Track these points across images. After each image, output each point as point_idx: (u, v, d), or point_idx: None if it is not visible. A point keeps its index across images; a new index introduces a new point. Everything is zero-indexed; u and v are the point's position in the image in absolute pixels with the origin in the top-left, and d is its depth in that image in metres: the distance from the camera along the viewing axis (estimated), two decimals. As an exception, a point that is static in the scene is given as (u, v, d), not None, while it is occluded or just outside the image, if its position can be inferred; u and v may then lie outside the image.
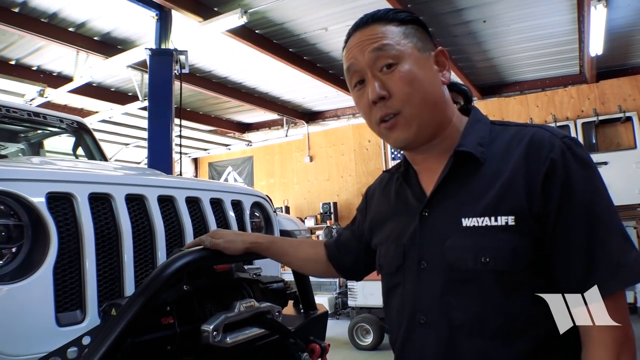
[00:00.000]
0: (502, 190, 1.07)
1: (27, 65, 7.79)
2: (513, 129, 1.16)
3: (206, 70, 8.58)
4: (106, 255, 1.65)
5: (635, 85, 8.54)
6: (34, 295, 1.41)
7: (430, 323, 1.13)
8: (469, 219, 1.09)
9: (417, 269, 1.17)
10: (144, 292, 1.36)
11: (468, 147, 1.13)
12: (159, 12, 5.94)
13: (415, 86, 1.13)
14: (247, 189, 2.52)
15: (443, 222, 1.14)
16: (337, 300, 9.06)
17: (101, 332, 1.32)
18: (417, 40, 1.18)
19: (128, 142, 12.10)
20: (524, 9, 6.45)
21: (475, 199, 1.10)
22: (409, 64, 1.14)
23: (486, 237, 1.06)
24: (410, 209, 1.24)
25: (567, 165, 1.03)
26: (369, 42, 1.17)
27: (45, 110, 3.86)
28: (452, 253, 1.10)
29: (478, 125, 1.20)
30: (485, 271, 1.05)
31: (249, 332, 1.68)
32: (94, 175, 1.75)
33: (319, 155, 11.88)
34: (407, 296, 1.19)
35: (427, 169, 1.24)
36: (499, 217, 1.05)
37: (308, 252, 1.66)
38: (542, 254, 1.04)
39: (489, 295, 1.05)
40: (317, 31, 7.08)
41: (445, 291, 1.10)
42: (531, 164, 1.05)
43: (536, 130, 1.11)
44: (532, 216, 1.03)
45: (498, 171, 1.09)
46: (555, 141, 1.06)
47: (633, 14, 6.65)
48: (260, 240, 1.61)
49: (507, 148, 1.12)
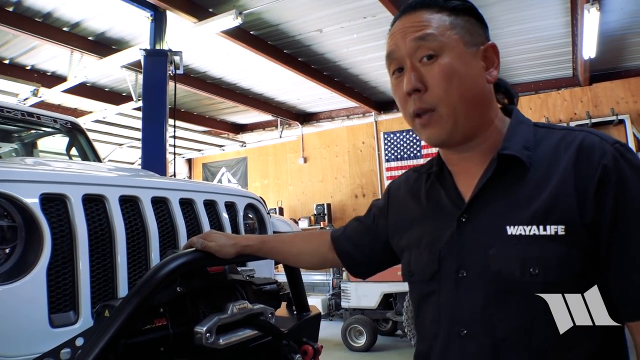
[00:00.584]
0: (551, 197, 1.01)
1: (21, 65, 7.75)
2: (559, 133, 1.09)
3: (201, 71, 8.57)
4: (100, 257, 1.66)
5: (627, 88, 8.59)
6: (27, 296, 1.41)
7: (472, 335, 1.07)
8: (515, 227, 1.02)
9: (455, 277, 1.10)
10: (137, 294, 1.36)
11: (514, 151, 1.07)
12: (154, 13, 5.93)
13: (454, 82, 1.07)
14: (240, 190, 2.52)
15: (485, 230, 1.08)
16: (330, 301, 9.08)
17: (94, 334, 1.33)
18: (465, 32, 1.10)
19: (122, 143, 12.06)
20: (519, 11, 6.48)
21: (521, 206, 1.03)
22: (451, 57, 1.08)
23: (534, 247, 1.00)
24: (445, 213, 1.17)
25: (621, 172, 0.97)
26: (412, 30, 1.10)
27: (38, 110, 3.85)
28: (497, 263, 1.03)
29: (522, 127, 1.13)
30: (533, 283, 0.99)
31: (242, 333, 1.69)
32: (87, 177, 1.76)
33: (313, 156, 11.88)
34: (444, 306, 1.13)
35: (464, 171, 1.17)
36: (548, 226, 0.99)
37: (302, 246, 1.61)
38: (595, 265, 0.99)
39: (536, 308, 1.00)
40: (311, 33, 7.09)
41: (488, 302, 1.04)
42: (582, 171, 0.99)
43: (586, 134, 1.04)
44: (583, 225, 0.97)
45: (545, 177, 1.03)
46: (606, 147, 1.00)
47: (626, 18, 6.69)
48: (252, 242, 1.58)
49: (555, 153, 1.05)
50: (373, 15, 6.43)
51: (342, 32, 7.06)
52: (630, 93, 8.56)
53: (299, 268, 2.11)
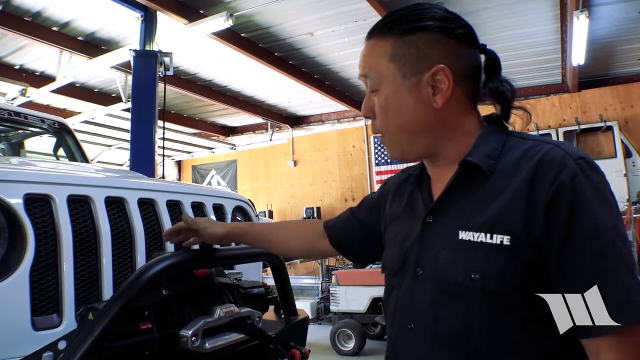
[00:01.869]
0: (502, 207, 1.01)
1: (9, 64, 7.69)
2: (528, 143, 1.08)
3: (191, 73, 8.54)
4: (84, 259, 1.63)
5: (616, 95, 8.67)
6: (9, 298, 1.39)
7: (417, 330, 1.11)
8: (466, 232, 1.05)
9: (413, 274, 1.15)
10: (122, 296, 1.34)
11: (475, 158, 1.08)
12: (144, 13, 5.89)
13: (390, 115, 1.13)
14: (229, 192, 2.51)
15: (442, 232, 1.11)
16: (319, 305, 9.06)
17: (77, 337, 1.30)
18: (405, 62, 1.10)
19: (111, 144, 11.98)
20: (509, 18, 6.52)
21: (475, 213, 1.05)
22: (388, 91, 1.12)
23: (479, 254, 1.02)
24: (418, 214, 1.21)
25: (577, 189, 0.95)
26: (361, 64, 1.17)
27: (26, 110, 3.81)
28: (444, 264, 1.07)
29: (493, 136, 1.13)
30: (473, 288, 1.01)
31: (229, 337, 1.67)
32: (73, 177, 1.73)
33: (303, 159, 11.87)
34: (400, 299, 1.18)
35: (438, 176, 1.20)
36: (495, 235, 1.00)
37: (291, 233, 1.66)
38: (538, 281, 0.98)
39: (475, 313, 1.02)
40: (302, 36, 7.09)
41: (434, 301, 1.08)
42: (536, 184, 0.99)
43: (551, 147, 1.02)
44: (528, 241, 0.97)
45: (503, 187, 1.03)
46: (568, 161, 0.98)
47: (614, 25, 6.75)
48: (240, 225, 1.69)
49: (518, 163, 1.05)
50: (364, 19, 6.44)
51: (333, 36, 7.07)
52: (619, 100, 8.64)
53: (286, 271, 2.10)
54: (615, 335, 0.92)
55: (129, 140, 5.84)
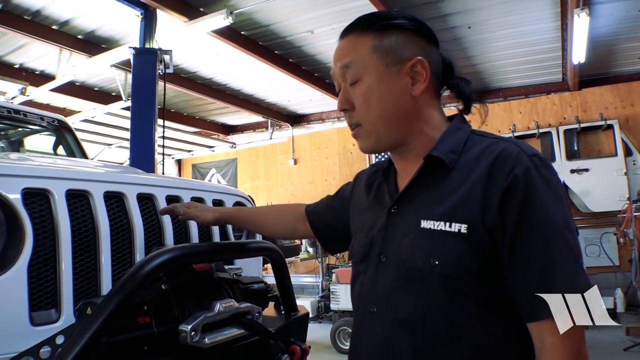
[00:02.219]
0: (462, 198, 1.10)
1: (9, 63, 7.67)
2: (488, 141, 1.18)
3: (191, 71, 8.53)
4: (83, 254, 1.62)
5: (616, 93, 8.65)
6: (7, 293, 1.38)
7: (379, 314, 1.20)
8: (427, 221, 1.13)
9: (377, 261, 1.24)
10: (120, 291, 1.34)
11: (439, 153, 1.17)
12: (144, 11, 5.87)
13: (372, 103, 1.20)
14: (229, 188, 2.49)
15: (406, 221, 1.20)
16: (319, 303, 9.05)
17: (75, 331, 1.29)
18: (387, 53, 1.20)
19: (111, 143, 11.96)
20: (509, 15, 6.50)
21: (437, 203, 1.14)
22: (371, 80, 1.20)
23: (438, 241, 1.10)
24: (384, 205, 1.29)
25: (529, 182, 1.05)
26: (340, 57, 1.25)
27: (25, 108, 3.80)
28: (406, 251, 1.16)
29: (456, 133, 1.23)
30: (432, 273, 1.10)
31: (228, 332, 1.66)
32: (71, 172, 1.72)
33: (303, 158, 11.86)
34: (365, 285, 1.27)
35: (404, 170, 1.29)
36: (454, 223, 1.09)
37: (276, 216, 1.82)
38: (493, 267, 1.07)
39: (433, 297, 1.10)
40: (303, 34, 7.07)
41: (395, 286, 1.17)
42: (493, 177, 1.08)
43: (508, 145, 1.13)
44: (484, 229, 1.06)
45: (463, 180, 1.13)
46: (522, 157, 1.08)
47: (615, 23, 6.73)
48: (229, 210, 1.86)
49: (478, 158, 1.14)
50: (364, 17, 6.42)
51: (333, 34, 7.04)
52: (619, 98, 8.62)
53: (287, 266, 2.09)
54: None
55: (129, 139, 5.83)
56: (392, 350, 1.16)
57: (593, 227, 8.34)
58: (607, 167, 8.20)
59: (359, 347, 1.28)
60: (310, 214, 1.71)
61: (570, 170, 8.39)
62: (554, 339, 1.01)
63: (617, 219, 7.67)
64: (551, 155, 8.64)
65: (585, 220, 8.35)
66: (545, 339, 1.02)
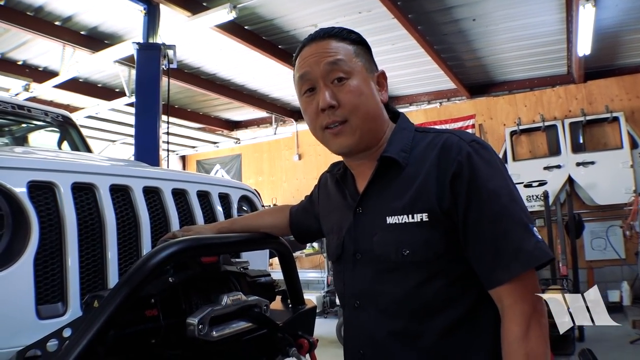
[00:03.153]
0: (418, 190, 1.22)
1: (13, 60, 7.66)
2: (431, 135, 1.31)
3: (194, 67, 8.51)
4: (89, 247, 1.61)
5: (622, 85, 8.58)
6: (13, 287, 1.37)
7: (363, 307, 1.32)
8: (392, 217, 1.25)
9: (353, 259, 1.35)
10: (127, 283, 1.33)
11: (391, 153, 1.29)
12: (147, 6, 5.85)
13: (361, 100, 1.28)
14: (235, 182, 2.48)
15: (372, 219, 1.31)
16: (325, 298, 9.06)
17: (83, 324, 1.29)
18: (365, 61, 1.34)
19: (115, 139, 11.97)
20: (514, 7, 6.45)
21: (397, 199, 1.26)
22: (358, 80, 1.29)
23: (405, 233, 1.22)
24: (348, 207, 1.40)
25: (472, 166, 1.18)
26: (325, 55, 1.30)
27: (29, 103, 3.79)
28: (379, 247, 1.27)
29: (403, 133, 1.35)
30: (405, 262, 1.22)
31: (236, 325, 1.65)
32: (77, 165, 1.71)
33: (307, 153, 11.84)
34: (346, 282, 1.38)
35: (361, 173, 1.40)
36: (415, 214, 1.21)
37: (270, 221, 1.90)
38: (456, 245, 1.20)
39: (409, 283, 1.22)
40: (306, 28, 7.03)
41: (373, 279, 1.29)
42: (441, 166, 1.21)
43: (448, 136, 1.26)
44: (442, 212, 1.19)
45: (415, 174, 1.25)
46: (462, 145, 1.21)
47: (621, 15, 6.68)
48: (224, 224, 1.87)
49: (424, 153, 1.27)
50: (368, 10, 6.39)
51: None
52: (625, 90, 8.55)
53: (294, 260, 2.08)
54: (512, 282, 1.13)
55: (133, 135, 5.81)
56: (377, 339, 1.27)
57: (599, 220, 8.30)
58: (613, 159, 8.15)
59: (350, 341, 1.40)
60: (291, 215, 1.84)
61: (576, 163, 8.35)
62: (509, 300, 1.14)
63: (623, 212, 7.63)
64: (556, 148, 8.61)
65: (591, 214, 8.30)
66: (503, 301, 1.16)
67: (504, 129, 9.23)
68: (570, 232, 7.39)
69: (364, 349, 1.31)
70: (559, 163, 8.51)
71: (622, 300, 7.55)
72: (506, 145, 9.03)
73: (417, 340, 1.22)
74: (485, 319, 1.21)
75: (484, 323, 1.21)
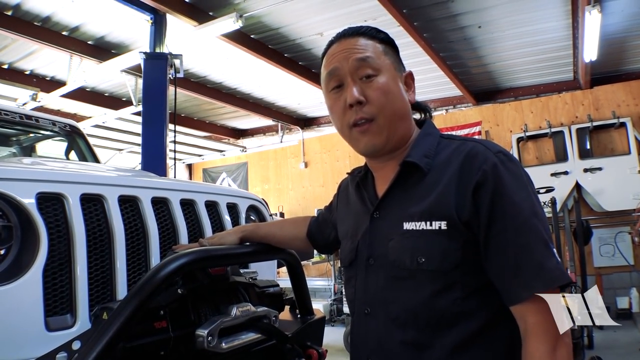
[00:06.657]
0: (438, 197, 1.19)
1: (20, 69, 7.72)
2: (456, 143, 1.28)
3: (201, 76, 8.54)
4: (98, 258, 1.61)
5: (629, 91, 8.55)
6: (22, 299, 1.36)
7: (373, 314, 1.28)
8: (409, 223, 1.22)
9: (366, 264, 1.32)
10: (136, 295, 1.32)
11: (414, 158, 1.26)
12: (154, 16, 5.88)
13: (389, 98, 1.26)
14: (242, 192, 2.48)
15: (389, 225, 1.28)
16: (332, 307, 9.04)
17: (92, 337, 1.28)
18: (393, 59, 1.33)
19: (122, 148, 12.01)
20: (520, 14, 6.45)
21: (416, 205, 1.22)
22: (386, 77, 1.28)
23: (422, 240, 1.19)
24: (365, 211, 1.37)
25: (498, 176, 1.14)
26: (354, 52, 1.29)
27: (37, 113, 3.80)
28: (394, 253, 1.23)
29: (427, 138, 1.33)
30: (420, 270, 1.18)
31: (245, 337, 1.65)
32: (85, 176, 1.71)
33: (313, 161, 11.84)
34: (357, 288, 1.35)
35: (383, 177, 1.37)
36: (434, 222, 1.18)
37: (291, 230, 1.86)
38: (475, 257, 1.16)
39: (423, 292, 1.18)
40: (312, 36, 7.06)
41: (385, 286, 1.25)
42: (464, 175, 1.18)
43: (474, 144, 1.23)
44: (461, 222, 1.15)
45: (437, 181, 1.22)
46: (488, 155, 1.18)
47: (627, 20, 6.66)
48: (248, 227, 1.85)
49: (448, 160, 1.24)
50: (374, 18, 6.40)
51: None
52: (632, 96, 8.51)
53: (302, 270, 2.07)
54: (535, 299, 1.08)
55: (140, 144, 5.83)
56: (386, 348, 1.24)
57: (607, 226, 8.24)
58: (620, 165, 8.11)
59: (357, 348, 1.36)
60: (310, 225, 1.81)
61: (584, 169, 8.31)
62: (535, 319, 1.10)
63: (631, 218, 7.58)
64: (564, 154, 8.57)
65: (599, 220, 8.25)
66: (527, 319, 1.11)
67: (510, 135, 9.19)
68: (578, 238, 7.33)
69: (371, 357, 1.28)
70: (566, 169, 8.47)
71: (631, 307, 7.50)
72: (513, 151, 8.99)
73: (427, 352, 1.18)
74: (502, 337, 1.18)
75: (500, 341, 1.18)
